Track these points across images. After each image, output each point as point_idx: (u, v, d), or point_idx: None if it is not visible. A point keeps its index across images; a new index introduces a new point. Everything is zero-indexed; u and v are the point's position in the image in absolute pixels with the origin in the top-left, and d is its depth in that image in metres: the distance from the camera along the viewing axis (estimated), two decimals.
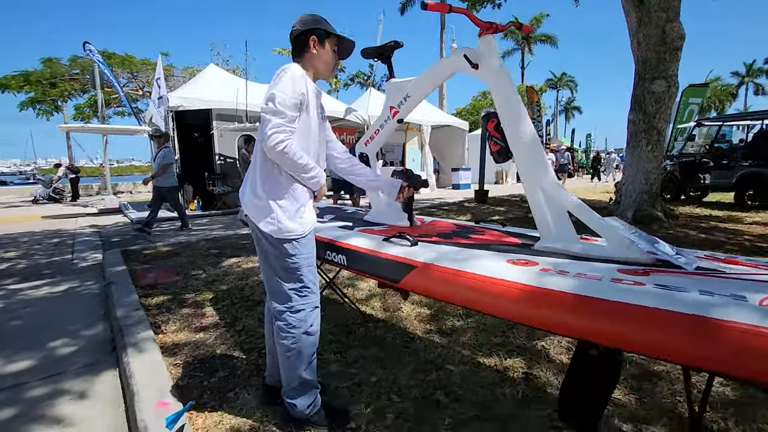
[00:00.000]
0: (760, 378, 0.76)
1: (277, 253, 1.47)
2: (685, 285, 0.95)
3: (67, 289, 3.56)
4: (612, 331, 0.89)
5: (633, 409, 1.64)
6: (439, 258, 1.29)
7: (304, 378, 1.52)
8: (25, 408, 1.83)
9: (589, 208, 1.34)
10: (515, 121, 1.45)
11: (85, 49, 10.15)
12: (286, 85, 1.39)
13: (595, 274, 1.06)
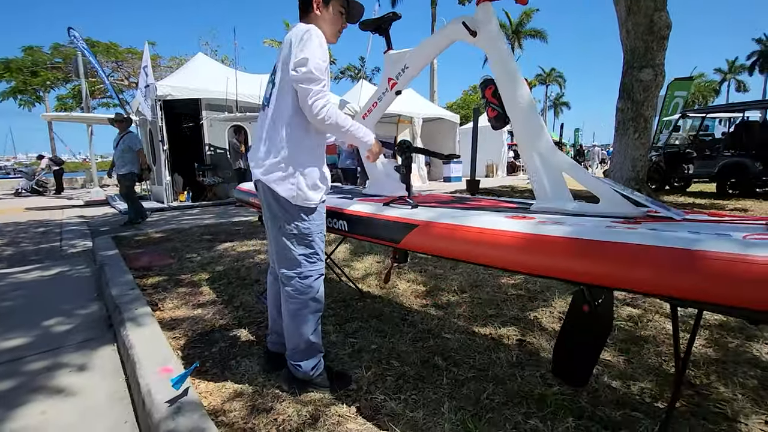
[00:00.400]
0: (745, 305, 0.81)
1: (291, 218, 1.48)
2: (674, 228, 1.00)
3: (57, 273, 3.52)
4: (605, 271, 0.94)
5: (622, 369, 1.71)
6: (439, 216, 1.33)
7: (310, 341, 1.55)
8: (25, 379, 1.82)
9: (583, 168, 1.39)
10: (512, 87, 1.49)
11: (69, 34, 9.85)
12: (315, 48, 1.36)
13: (591, 224, 1.10)
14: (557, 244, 1.01)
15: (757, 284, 0.77)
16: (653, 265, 0.88)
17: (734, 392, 1.55)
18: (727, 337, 1.99)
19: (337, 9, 1.53)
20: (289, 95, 1.44)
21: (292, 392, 1.56)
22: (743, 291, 0.79)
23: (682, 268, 0.85)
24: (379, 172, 2.08)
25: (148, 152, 10.73)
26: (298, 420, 1.40)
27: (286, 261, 1.51)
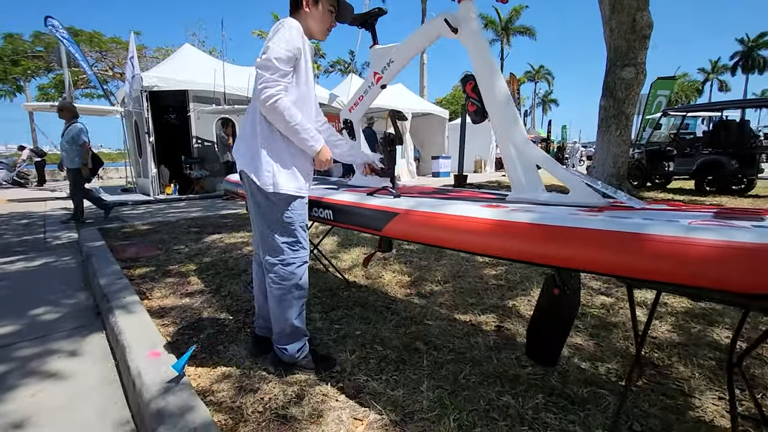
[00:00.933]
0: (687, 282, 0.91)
1: (274, 207, 1.54)
2: (631, 215, 1.09)
3: (42, 264, 3.51)
4: (568, 254, 1.02)
5: (591, 351, 1.82)
6: (418, 205, 1.40)
7: (295, 325, 1.62)
8: (16, 365, 1.85)
9: (555, 161, 1.48)
10: (490, 82, 1.56)
11: (46, 24, 9.58)
12: (281, 38, 1.42)
13: (555, 212, 1.19)
14: (525, 229, 1.09)
15: (697, 263, 0.87)
16: (609, 247, 0.97)
17: (693, 372, 1.66)
18: (690, 322, 2.11)
19: (327, 7, 1.57)
20: None
21: (278, 374, 1.62)
22: (685, 270, 0.88)
23: (633, 250, 0.94)
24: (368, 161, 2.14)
25: (133, 144, 10.60)
26: (283, 399, 1.47)
27: (270, 249, 1.57)
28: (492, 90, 1.55)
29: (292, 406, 1.43)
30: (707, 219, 1.01)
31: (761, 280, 0.81)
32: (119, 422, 1.48)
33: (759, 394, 1.51)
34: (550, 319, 1.45)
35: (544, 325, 1.49)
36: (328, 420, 1.36)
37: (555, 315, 1.44)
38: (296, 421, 1.35)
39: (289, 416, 1.38)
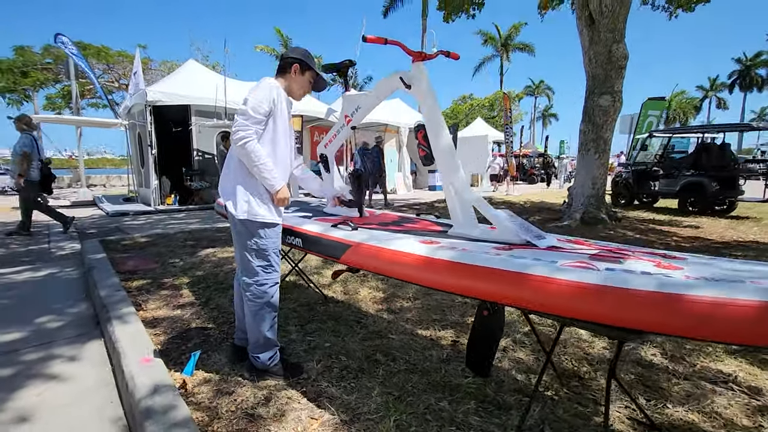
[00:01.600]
0: (554, 312, 1.18)
1: (251, 235, 1.82)
2: (528, 255, 1.36)
3: (47, 275, 3.77)
4: (472, 286, 1.29)
5: (529, 365, 2.08)
6: (369, 239, 1.68)
7: (267, 337, 1.88)
8: (22, 368, 2.11)
9: (487, 203, 1.75)
10: (437, 133, 1.85)
11: (56, 41, 10.03)
12: (259, 92, 1.73)
13: (475, 249, 1.46)
14: (443, 265, 1.37)
15: (558, 297, 1.14)
16: (500, 282, 1.24)
17: (613, 384, 1.91)
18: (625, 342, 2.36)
19: (309, 78, 1.92)
20: None
21: (252, 379, 1.88)
22: (551, 302, 1.15)
23: (516, 284, 1.21)
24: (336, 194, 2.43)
25: (136, 155, 10.94)
26: (254, 400, 1.73)
27: (246, 270, 1.85)
28: (438, 140, 1.84)
29: (260, 407, 1.69)
30: (582, 260, 1.28)
31: (598, 312, 1.08)
32: (114, 419, 1.73)
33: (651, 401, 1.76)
34: (481, 336, 1.72)
35: (477, 341, 1.75)
36: (289, 419, 1.61)
37: (484, 333, 1.70)
38: (262, 419, 1.61)
39: (256, 415, 1.63)
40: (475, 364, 1.83)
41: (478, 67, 37.50)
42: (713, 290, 0.98)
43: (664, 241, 5.35)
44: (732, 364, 2.12)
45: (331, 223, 2.01)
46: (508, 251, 1.43)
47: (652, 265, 1.22)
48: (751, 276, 1.07)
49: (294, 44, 28.30)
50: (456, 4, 10.32)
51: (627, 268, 1.19)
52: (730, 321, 0.93)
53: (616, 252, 1.41)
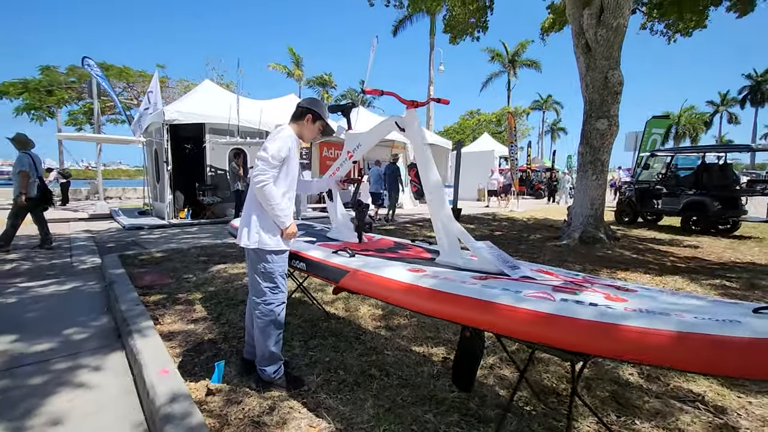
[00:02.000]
0: (518, 336, 1.38)
1: (260, 260, 2.05)
2: (499, 285, 1.57)
3: (71, 288, 4.05)
4: (447, 311, 1.50)
5: (512, 382, 2.25)
6: (364, 266, 1.90)
7: (272, 351, 2.10)
8: (52, 377, 2.35)
9: (469, 235, 1.97)
10: (426, 171, 2.08)
11: (83, 64, 10.65)
12: (277, 142, 1.99)
13: (455, 277, 1.67)
14: (424, 292, 1.58)
15: (519, 324, 1.34)
16: (473, 309, 1.44)
17: (587, 400, 2.08)
18: (604, 361, 2.53)
19: (319, 127, 2.19)
20: None
21: (258, 390, 2.09)
22: (514, 328, 1.36)
23: (486, 312, 1.41)
24: (339, 222, 2.66)
25: (152, 170, 11.39)
26: (259, 410, 1.93)
27: (256, 291, 2.08)
28: (427, 178, 2.07)
29: (265, 415, 1.89)
30: (544, 291, 1.48)
31: (551, 337, 1.28)
32: (136, 424, 1.95)
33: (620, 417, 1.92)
34: (464, 355, 1.91)
35: (460, 360, 1.94)
36: (290, 427, 1.81)
37: (467, 352, 1.89)
38: (266, 426, 1.81)
39: (261, 423, 1.84)
40: (459, 380, 2.02)
41: (486, 83, 38.06)
42: (642, 321, 1.18)
43: (660, 261, 5.47)
44: (703, 385, 2.27)
45: (332, 249, 2.24)
46: (484, 280, 1.64)
47: (602, 297, 1.42)
48: (678, 309, 1.26)
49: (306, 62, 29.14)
50: (461, 28, 10.70)
51: (579, 299, 1.39)
52: (652, 347, 1.13)
53: (577, 283, 1.60)
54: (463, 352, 1.91)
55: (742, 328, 1.09)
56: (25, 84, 15.21)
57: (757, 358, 1.03)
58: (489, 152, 19.88)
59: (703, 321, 1.14)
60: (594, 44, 6.12)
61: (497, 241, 6.97)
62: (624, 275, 4.61)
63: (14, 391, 2.20)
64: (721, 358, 1.05)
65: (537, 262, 5.28)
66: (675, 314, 1.21)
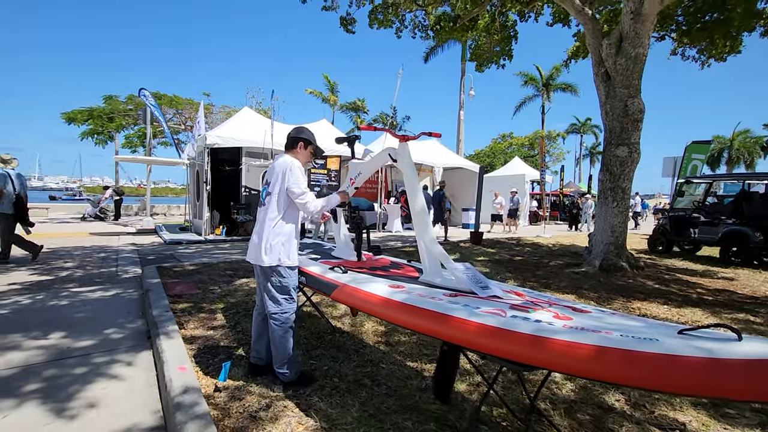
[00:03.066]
0: (475, 348, 1.56)
1: (277, 275, 2.34)
2: (462, 301, 1.75)
3: (114, 294, 4.55)
4: (414, 323, 1.70)
5: (495, 399, 2.36)
6: (352, 281, 2.14)
7: (291, 354, 2.36)
8: (91, 368, 2.72)
9: (448, 257, 2.16)
10: (414, 198, 2.32)
11: (140, 94, 11.94)
12: (298, 175, 2.32)
13: (426, 294, 1.88)
14: (396, 305, 1.79)
15: (470, 335, 1.52)
16: (431, 320, 1.64)
17: (565, 421, 2.16)
18: (594, 386, 2.58)
19: (310, 151, 2.50)
20: (280, 202, 2.34)
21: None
22: (465, 338, 1.54)
23: (443, 323, 1.61)
24: (341, 242, 2.94)
25: (194, 189, 12.34)
26: (257, 406, 2.18)
27: (274, 301, 2.35)
28: (414, 204, 2.30)
29: (261, 411, 2.14)
30: (499, 308, 1.65)
31: (495, 348, 1.45)
32: (154, 411, 2.25)
33: None
34: (441, 368, 2.07)
35: (438, 373, 2.10)
36: (281, 422, 2.04)
37: (444, 366, 2.06)
38: (261, 420, 2.05)
39: (257, 417, 2.08)
40: (438, 392, 2.18)
41: (519, 106, 37.82)
42: (570, 336, 1.34)
43: (684, 292, 5.28)
44: (690, 414, 2.28)
45: (330, 266, 2.51)
46: (452, 297, 1.83)
47: (550, 315, 1.57)
48: (610, 327, 1.40)
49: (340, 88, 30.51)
50: (486, 57, 11.02)
51: (528, 316, 1.56)
52: (576, 358, 1.28)
53: (537, 303, 1.76)
54: (441, 366, 2.08)
55: (656, 346, 1.22)
56: (90, 112, 17.17)
57: (664, 373, 1.17)
58: (520, 176, 19.67)
59: (624, 338, 1.29)
60: (613, 73, 6.20)
61: (517, 265, 6.97)
62: (639, 305, 4.53)
63: (61, 379, 2.58)
64: (631, 370, 1.20)
65: (552, 288, 5.28)
66: (605, 332, 1.35)
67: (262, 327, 2.53)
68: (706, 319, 4.09)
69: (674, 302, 4.70)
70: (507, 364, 1.54)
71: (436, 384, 2.17)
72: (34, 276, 5.39)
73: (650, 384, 1.17)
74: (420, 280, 2.23)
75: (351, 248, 2.86)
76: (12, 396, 2.33)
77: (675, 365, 1.16)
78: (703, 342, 1.22)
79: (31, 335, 3.25)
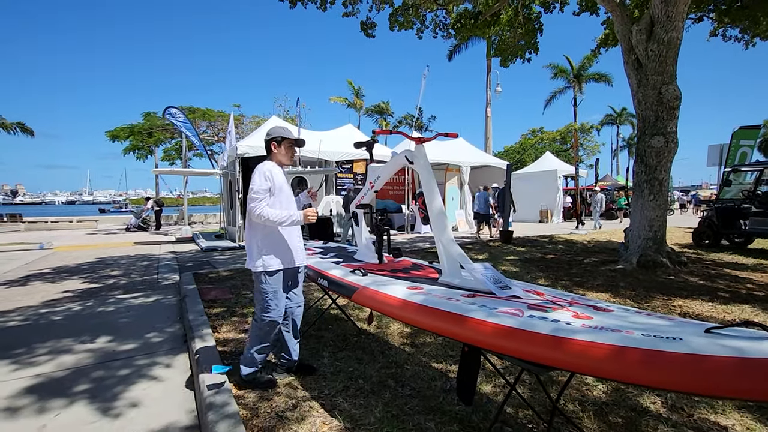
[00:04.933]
0: (484, 347, 1.54)
1: (257, 280, 2.38)
2: (480, 302, 1.74)
3: (155, 300, 4.83)
4: (433, 324, 1.71)
5: (519, 401, 2.31)
6: (371, 284, 2.17)
7: (253, 355, 2.43)
8: (134, 370, 2.91)
9: (466, 257, 2.15)
10: (431, 200, 2.32)
11: (165, 113, 12.59)
12: (256, 178, 2.32)
13: (444, 295, 1.87)
14: (414, 307, 1.80)
15: (486, 336, 1.51)
16: (448, 321, 1.64)
17: (595, 424, 2.09)
18: (628, 387, 2.47)
19: (287, 146, 2.47)
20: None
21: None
22: (482, 339, 1.53)
23: (459, 324, 1.61)
24: (363, 245, 2.98)
25: (227, 198, 12.85)
26: (284, 406, 2.25)
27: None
28: (432, 206, 2.31)
29: (288, 411, 2.20)
30: (517, 308, 1.63)
31: (511, 348, 1.43)
32: (189, 410, 2.38)
33: None
34: (463, 369, 2.06)
35: (463, 374, 2.09)
36: (307, 422, 2.10)
37: (465, 366, 2.05)
38: (287, 420, 2.12)
39: (284, 417, 2.15)
40: (461, 393, 2.16)
41: (549, 100, 36.62)
42: (589, 335, 1.30)
43: (733, 288, 4.94)
44: (734, 418, 2.14)
45: (351, 269, 2.55)
46: (471, 298, 1.82)
47: (569, 315, 1.53)
48: (632, 327, 1.35)
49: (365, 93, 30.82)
50: (511, 51, 10.78)
51: (546, 316, 1.52)
52: (594, 358, 1.25)
53: (557, 302, 1.72)
54: (462, 367, 2.06)
55: (680, 345, 1.17)
56: (131, 128, 18.33)
57: (689, 373, 1.11)
58: (552, 171, 19.05)
59: (646, 338, 1.24)
60: (645, 60, 5.90)
61: (549, 264, 6.76)
62: (680, 303, 4.28)
63: (107, 380, 2.77)
64: (653, 371, 1.15)
65: (586, 287, 5.09)
66: (626, 331, 1.31)
67: (278, 332, 2.54)
68: (756, 317, 3.81)
69: (720, 299, 4.41)
70: (525, 365, 1.51)
71: (459, 386, 2.16)
72: (84, 284, 5.80)
73: (674, 386, 1.12)
74: (439, 281, 2.22)
75: (372, 251, 2.89)
76: (63, 396, 2.53)
77: (701, 365, 1.10)
78: (732, 341, 1.15)
79: (81, 339, 3.51)
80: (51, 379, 2.78)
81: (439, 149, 14.95)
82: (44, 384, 2.70)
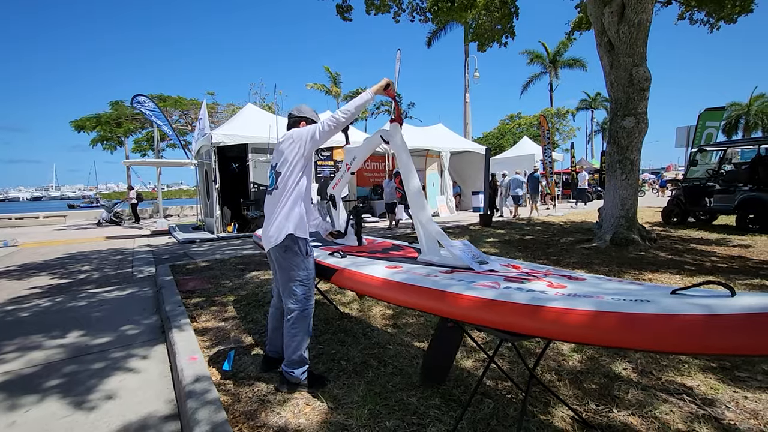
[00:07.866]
0: (463, 319, 1.56)
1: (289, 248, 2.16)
2: (458, 277, 1.75)
3: (130, 293, 4.68)
4: (411, 301, 1.71)
5: (499, 374, 2.37)
6: (350, 265, 2.15)
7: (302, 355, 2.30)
8: (109, 363, 2.82)
9: (444, 235, 2.16)
10: (408, 179, 2.30)
11: (133, 102, 12.03)
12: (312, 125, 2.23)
13: (424, 272, 1.88)
14: (394, 285, 1.80)
15: (464, 308, 1.52)
16: (428, 298, 1.65)
17: (570, 390, 2.17)
18: (601, 356, 2.56)
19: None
20: (291, 177, 2.19)
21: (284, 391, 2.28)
22: (460, 312, 1.55)
23: (439, 300, 1.62)
24: (341, 227, 2.95)
25: (203, 189, 12.50)
26: (266, 391, 2.24)
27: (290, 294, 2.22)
28: (409, 185, 2.29)
29: (270, 395, 2.19)
30: (494, 281, 1.65)
31: (489, 319, 1.45)
32: (168, 400, 2.33)
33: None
34: (445, 345, 2.09)
35: (436, 350, 2.12)
36: (290, 404, 2.09)
37: (445, 342, 2.08)
38: (270, 403, 2.11)
39: (266, 401, 2.13)
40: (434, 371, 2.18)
41: (526, 85, 37.01)
42: (563, 302, 1.33)
43: (699, 262, 5.18)
44: (698, 379, 2.26)
45: (330, 251, 2.53)
46: (449, 274, 1.83)
47: (544, 285, 1.56)
48: (604, 292, 1.39)
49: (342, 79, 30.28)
50: (488, 36, 10.77)
51: (522, 287, 1.55)
52: (569, 324, 1.28)
53: (533, 274, 1.75)
54: (437, 348, 2.09)
55: (651, 306, 1.21)
56: (98, 118, 17.47)
57: (661, 332, 1.15)
58: (529, 156, 19.36)
59: (617, 301, 1.27)
60: (617, 42, 6.00)
61: (527, 245, 6.92)
62: (650, 276, 4.47)
63: (80, 374, 2.68)
64: (627, 332, 1.19)
65: (562, 265, 5.23)
66: (597, 296, 1.34)
67: (279, 320, 2.44)
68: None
69: (687, 271, 4.62)
70: (503, 335, 1.54)
71: (430, 368, 2.17)
72: (53, 280, 5.57)
73: (648, 344, 1.16)
74: (418, 260, 2.23)
75: (350, 233, 2.87)
76: (33, 392, 2.44)
77: (672, 323, 1.14)
78: (698, 299, 1.20)
79: (51, 335, 3.38)
80: (19, 376, 2.67)
81: (419, 135, 14.93)
82: (12, 381, 2.60)
